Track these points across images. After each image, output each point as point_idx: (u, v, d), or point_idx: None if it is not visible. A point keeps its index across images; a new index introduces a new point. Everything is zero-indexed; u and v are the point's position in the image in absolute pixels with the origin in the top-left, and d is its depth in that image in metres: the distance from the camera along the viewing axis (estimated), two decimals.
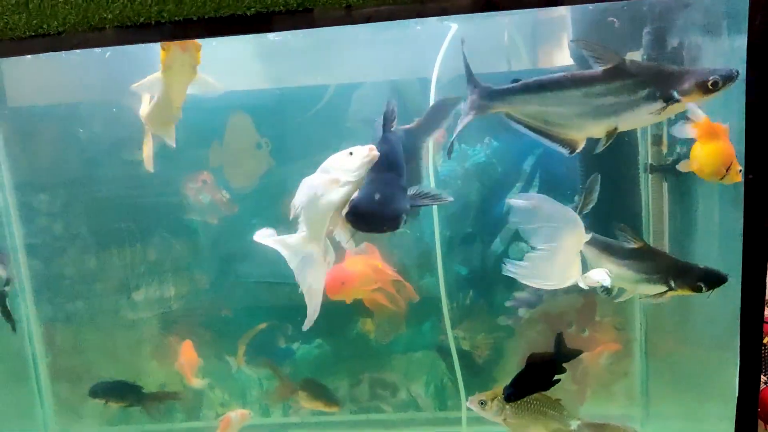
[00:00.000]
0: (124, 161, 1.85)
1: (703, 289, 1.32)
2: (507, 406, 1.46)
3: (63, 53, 1.36)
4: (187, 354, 1.87)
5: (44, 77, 1.77)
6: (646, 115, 1.15)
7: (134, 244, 1.93)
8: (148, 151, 1.62)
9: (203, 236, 1.94)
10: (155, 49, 1.67)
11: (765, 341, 1.68)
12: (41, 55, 1.40)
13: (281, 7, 0.98)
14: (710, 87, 1.11)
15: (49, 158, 1.90)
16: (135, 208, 1.89)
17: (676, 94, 1.12)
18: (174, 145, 1.44)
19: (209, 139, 1.84)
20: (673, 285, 1.34)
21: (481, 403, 1.47)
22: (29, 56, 1.43)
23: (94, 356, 2.01)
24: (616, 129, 1.16)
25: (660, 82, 1.13)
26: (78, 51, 1.35)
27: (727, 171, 1.26)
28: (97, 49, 1.45)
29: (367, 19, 1.00)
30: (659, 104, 1.13)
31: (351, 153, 1.13)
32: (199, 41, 1.25)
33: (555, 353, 1.48)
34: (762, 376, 1.68)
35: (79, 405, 2.01)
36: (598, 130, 1.18)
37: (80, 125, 1.86)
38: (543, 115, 1.21)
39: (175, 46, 1.22)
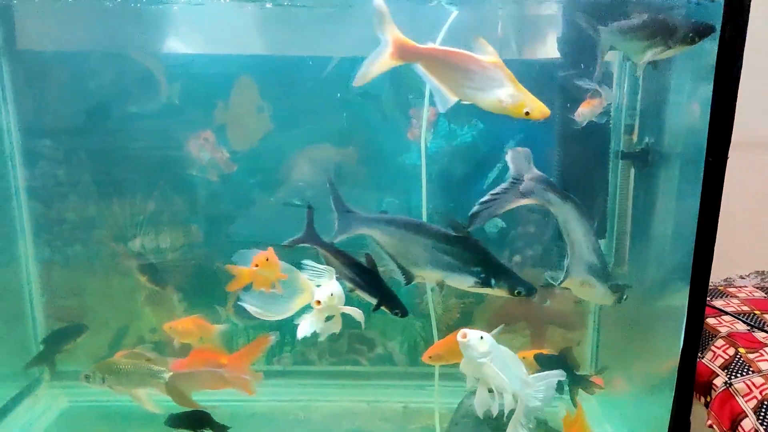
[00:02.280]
0: (130, 113, 1.86)
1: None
2: (107, 376, 1.55)
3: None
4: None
5: (55, 23, 1.75)
6: (467, 283, 1.39)
7: (135, 195, 1.95)
8: None
9: (201, 192, 1.97)
10: (165, 8, 1.68)
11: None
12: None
13: None
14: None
15: (55, 105, 1.88)
16: (138, 160, 1.91)
17: (493, 282, 1.38)
18: None
19: (214, 99, 1.87)
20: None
21: (86, 377, 1.56)
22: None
23: (89, 299, 2.03)
24: (443, 282, 1.40)
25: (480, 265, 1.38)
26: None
27: None
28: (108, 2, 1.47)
29: None
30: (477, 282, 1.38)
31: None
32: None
33: None
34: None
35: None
36: (431, 277, 1.40)
37: (89, 75, 1.85)
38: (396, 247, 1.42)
39: None
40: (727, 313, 1.87)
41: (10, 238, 1.95)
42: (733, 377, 1.59)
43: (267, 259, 1.40)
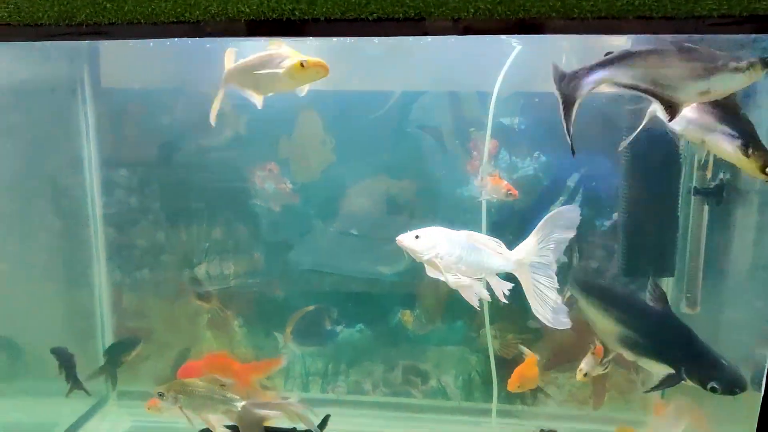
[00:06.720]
0: (200, 146, 1.88)
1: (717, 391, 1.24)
2: (182, 397, 1.48)
3: (164, 41, 1.40)
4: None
5: (136, 63, 1.80)
6: (734, 79, 1.09)
7: (201, 223, 1.96)
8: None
9: (265, 221, 1.96)
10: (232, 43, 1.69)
11: None
12: (134, 41, 1.43)
13: (400, 15, 1.00)
14: None
15: (132, 138, 1.93)
16: (205, 190, 1.92)
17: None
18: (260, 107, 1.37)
19: (280, 132, 1.86)
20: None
21: (160, 395, 1.48)
22: (122, 42, 1.46)
23: (155, 322, 2.04)
24: (708, 92, 1.11)
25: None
26: (176, 40, 1.39)
27: None
28: (187, 41, 1.49)
29: (467, 31, 1.01)
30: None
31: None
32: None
33: None
34: None
35: (137, 364, 2.03)
36: (694, 92, 1.12)
37: (163, 110, 1.89)
38: (649, 77, 1.13)
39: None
40: None
41: (86, 262, 1.99)
42: None
43: None
